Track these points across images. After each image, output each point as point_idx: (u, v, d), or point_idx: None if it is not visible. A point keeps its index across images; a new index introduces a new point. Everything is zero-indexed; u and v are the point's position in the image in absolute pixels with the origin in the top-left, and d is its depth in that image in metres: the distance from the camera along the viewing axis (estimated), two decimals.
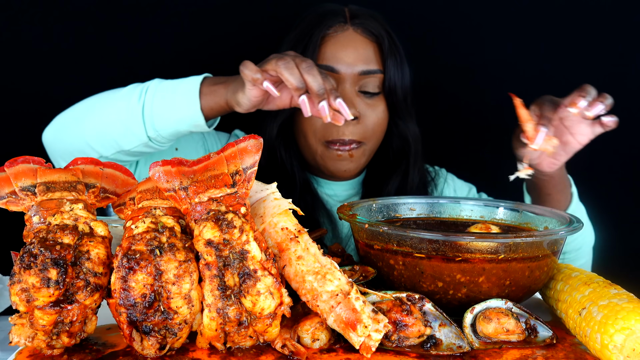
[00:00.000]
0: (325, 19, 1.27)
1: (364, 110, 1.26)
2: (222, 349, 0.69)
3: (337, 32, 1.27)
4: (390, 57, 1.27)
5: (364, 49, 1.26)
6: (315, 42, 1.25)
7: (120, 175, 0.79)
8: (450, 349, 0.70)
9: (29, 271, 0.63)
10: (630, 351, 0.64)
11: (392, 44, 1.29)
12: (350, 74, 1.25)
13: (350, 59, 1.25)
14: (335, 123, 0.99)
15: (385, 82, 1.27)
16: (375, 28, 1.28)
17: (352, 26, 1.28)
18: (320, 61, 1.25)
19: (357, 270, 0.85)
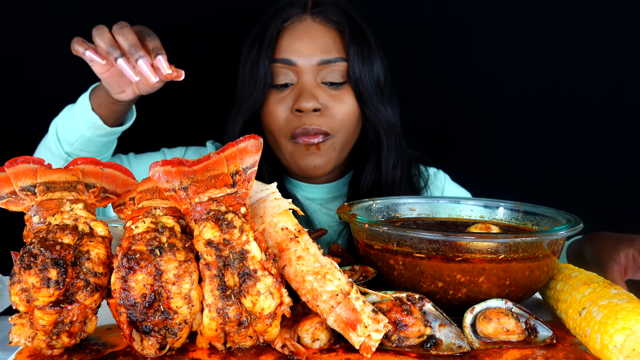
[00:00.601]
0: (282, 11, 1.25)
1: (328, 102, 1.22)
2: (222, 349, 0.69)
3: (294, 24, 1.24)
4: (352, 44, 1.22)
5: (322, 37, 1.23)
6: (271, 36, 1.22)
7: (120, 175, 0.79)
8: (450, 349, 0.70)
9: (29, 271, 0.63)
10: (630, 351, 0.64)
11: (355, 31, 1.24)
12: (309, 65, 1.21)
13: (307, 49, 1.21)
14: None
15: (349, 70, 1.22)
16: (337, 15, 1.24)
17: (311, 15, 1.24)
18: (277, 55, 1.22)
19: (357, 270, 0.85)
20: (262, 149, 0.72)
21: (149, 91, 1.11)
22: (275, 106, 1.23)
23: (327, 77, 1.22)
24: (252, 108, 1.25)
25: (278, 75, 1.23)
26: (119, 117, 1.19)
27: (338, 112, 1.22)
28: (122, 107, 1.15)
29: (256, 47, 1.24)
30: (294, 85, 1.23)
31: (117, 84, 1.08)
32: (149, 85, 1.08)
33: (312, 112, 1.20)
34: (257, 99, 1.24)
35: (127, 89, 1.10)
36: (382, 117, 1.27)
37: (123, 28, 0.95)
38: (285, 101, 1.22)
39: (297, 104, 1.20)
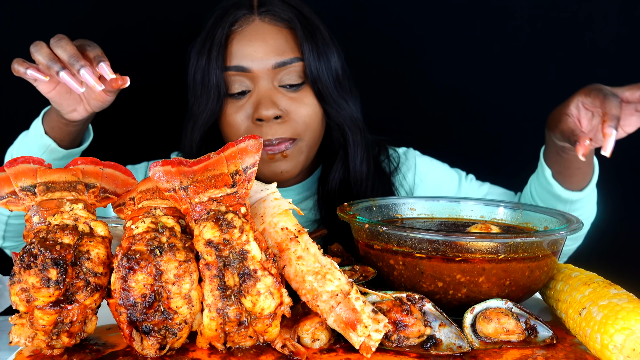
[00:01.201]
0: (227, 14, 1.17)
1: (289, 106, 1.15)
2: (222, 349, 0.69)
3: (243, 27, 1.16)
4: (306, 41, 1.15)
5: (274, 39, 1.15)
6: (219, 43, 1.15)
7: (120, 175, 0.79)
8: (450, 349, 0.70)
9: (29, 271, 0.63)
10: (630, 351, 0.64)
11: (307, 27, 1.17)
12: (264, 70, 1.14)
13: (260, 53, 1.14)
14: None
15: (306, 69, 1.15)
16: (286, 12, 1.17)
17: (259, 16, 1.17)
18: (229, 62, 1.15)
19: (357, 270, 0.85)
20: (262, 149, 0.72)
21: (101, 106, 1.07)
22: (233, 116, 1.17)
23: (285, 79, 1.16)
24: (208, 121, 1.18)
25: (232, 83, 1.16)
26: (74, 139, 1.14)
27: (301, 116, 1.16)
28: (77, 127, 1.11)
29: (205, 56, 1.16)
30: (251, 92, 1.16)
31: (66, 102, 1.05)
32: (99, 99, 1.05)
33: (273, 119, 1.14)
34: (212, 111, 1.17)
35: (78, 107, 1.06)
36: (346, 114, 1.21)
37: (60, 40, 0.91)
38: (244, 109, 1.16)
39: (257, 113, 1.13)
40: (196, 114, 1.19)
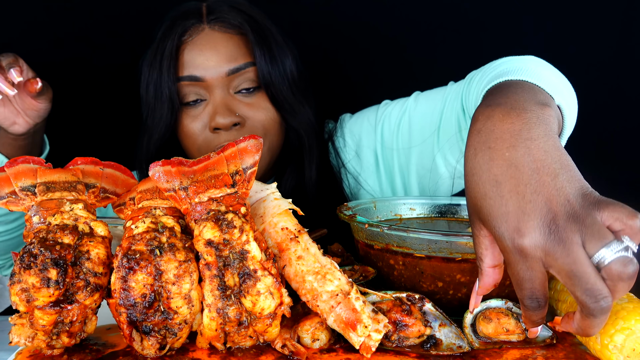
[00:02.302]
0: (176, 25, 1.16)
1: (246, 112, 1.15)
2: (222, 349, 0.69)
3: (192, 36, 1.15)
4: (258, 46, 1.14)
5: (225, 46, 1.14)
6: (169, 54, 1.13)
7: (120, 175, 0.79)
8: (450, 349, 0.70)
9: (29, 271, 0.63)
10: (630, 351, 0.64)
11: (259, 31, 1.16)
12: (217, 78, 1.13)
13: (212, 62, 1.13)
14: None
15: (259, 74, 1.14)
16: (235, 18, 1.16)
17: (208, 24, 1.16)
18: (181, 73, 1.14)
19: (357, 270, 0.85)
20: (262, 149, 0.72)
21: (39, 116, 1.09)
22: (190, 126, 1.16)
23: (240, 85, 1.15)
24: (164, 134, 1.17)
25: (187, 94, 1.15)
26: (28, 152, 1.15)
27: (259, 121, 1.16)
28: (25, 141, 1.13)
29: (157, 68, 1.14)
30: (206, 101, 1.15)
31: (2, 116, 1.08)
32: (33, 108, 1.07)
33: (232, 127, 1.13)
34: (167, 123, 1.16)
35: (17, 120, 1.09)
36: (303, 119, 1.20)
37: None
38: (200, 119, 1.15)
39: (214, 122, 1.12)
40: (151, 127, 1.18)
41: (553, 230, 0.57)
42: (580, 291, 0.56)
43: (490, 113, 0.67)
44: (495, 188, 0.61)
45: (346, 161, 1.27)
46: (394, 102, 1.26)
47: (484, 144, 0.64)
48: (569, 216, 0.57)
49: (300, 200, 1.20)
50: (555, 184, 0.59)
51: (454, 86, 1.14)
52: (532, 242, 0.57)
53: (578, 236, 0.56)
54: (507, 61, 0.89)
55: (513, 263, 0.59)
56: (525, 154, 0.61)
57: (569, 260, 0.56)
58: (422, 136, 1.17)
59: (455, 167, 1.14)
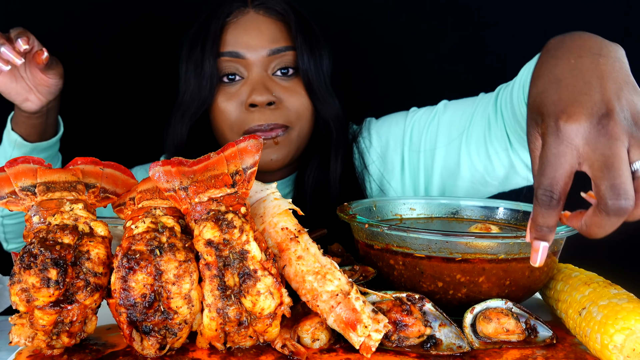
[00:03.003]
0: (222, 7, 1.19)
1: (281, 94, 1.17)
2: (222, 349, 0.69)
3: (237, 18, 1.18)
4: (300, 33, 1.17)
5: (269, 28, 1.17)
6: (214, 31, 1.16)
7: (120, 175, 0.79)
8: (450, 349, 0.70)
9: (29, 271, 0.63)
10: (630, 351, 0.64)
11: (301, 19, 1.19)
12: (258, 57, 1.16)
13: (254, 41, 1.16)
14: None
15: (298, 59, 1.17)
16: (279, 5, 1.19)
17: (253, 8, 1.19)
18: (223, 49, 1.16)
19: (357, 270, 0.85)
20: (262, 149, 0.72)
21: (50, 92, 1.11)
22: (225, 103, 1.17)
23: (278, 68, 1.17)
24: (200, 108, 1.19)
25: (226, 69, 1.17)
26: (42, 132, 1.18)
27: (293, 104, 1.17)
28: (38, 119, 1.15)
29: (199, 45, 1.17)
30: (244, 79, 1.17)
31: (14, 92, 1.10)
32: (44, 84, 1.09)
33: (266, 106, 1.15)
34: (204, 98, 1.18)
35: (29, 97, 1.11)
36: (332, 110, 1.22)
37: None
38: (237, 97, 1.17)
39: (251, 99, 1.14)
40: (187, 102, 1.19)
41: (603, 124, 0.55)
42: (606, 184, 0.54)
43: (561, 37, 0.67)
44: (554, 84, 0.61)
45: (369, 162, 1.28)
46: (423, 109, 1.27)
47: (551, 56, 0.65)
48: (623, 118, 0.56)
49: (322, 195, 1.21)
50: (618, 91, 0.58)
51: (486, 96, 1.16)
52: (575, 127, 0.56)
53: (626, 138, 0.55)
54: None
55: (546, 144, 0.58)
56: (591, 64, 0.61)
57: (608, 152, 0.54)
58: (450, 137, 1.18)
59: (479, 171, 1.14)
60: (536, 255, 0.63)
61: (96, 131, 1.59)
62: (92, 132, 1.58)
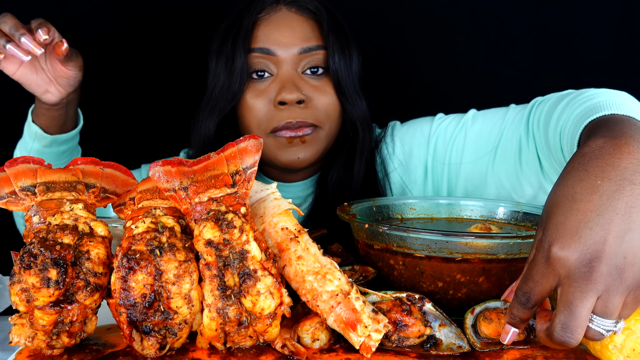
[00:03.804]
0: (254, 3, 1.19)
1: (311, 93, 1.16)
2: (222, 349, 0.69)
3: (270, 14, 1.18)
4: (331, 33, 1.17)
5: (301, 26, 1.17)
6: (246, 27, 1.16)
7: (120, 175, 0.79)
8: (450, 349, 0.70)
9: (29, 271, 0.63)
10: (630, 351, 0.64)
11: (333, 20, 1.19)
12: (289, 55, 1.16)
13: (286, 38, 1.15)
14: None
15: (329, 58, 1.17)
16: (312, 3, 1.19)
17: (286, 5, 1.19)
18: (254, 44, 1.16)
19: (357, 270, 0.85)
20: (262, 149, 0.72)
21: (69, 84, 1.12)
22: (254, 100, 1.17)
23: (308, 66, 1.17)
24: (229, 103, 1.18)
25: (256, 65, 1.17)
26: (62, 124, 1.18)
27: (322, 104, 1.17)
28: (58, 111, 1.16)
29: (230, 40, 1.17)
30: (273, 77, 1.17)
31: (34, 83, 1.10)
32: (63, 75, 1.10)
33: (295, 104, 1.15)
34: (234, 93, 1.17)
35: (49, 88, 1.12)
36: (360, 111, 1.22)
37: (3, 17, 0.97)
38: (266, 94, 1.16)
39: (280, 96, 1.14)
40: (216, 96, 1.19)
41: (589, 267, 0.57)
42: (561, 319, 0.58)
43: (602, 143, 0.65)
44: (568, 202, 0.60)
45: (391, 170, 1.27)
46: (450, 117, 1.25)
47: (581, 165, 0.63)
48: (612, 267, 0.57)
49: (343, 196, 1.20)
50: (625, 232, 0.57)
51: (516, 108, 1.14)
52: (564, 260, 0.58)
53: (602, 288, 0.57)
54: (602, 93, 0.87)
55: (535, 262, 0.61)
56: (615, 191, 0.59)
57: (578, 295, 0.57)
58: (477, 154, 1.17)
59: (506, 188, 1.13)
60: (506, 335, 0.67)
61: (116, 124, 1.60)
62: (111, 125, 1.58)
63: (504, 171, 1.12)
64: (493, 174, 1.14)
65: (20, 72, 1.08)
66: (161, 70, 1.59)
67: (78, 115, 1.24)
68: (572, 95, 0.93)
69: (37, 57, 1.07)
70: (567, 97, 0.94)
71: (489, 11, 1.59)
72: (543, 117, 1.00)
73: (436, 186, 1.25)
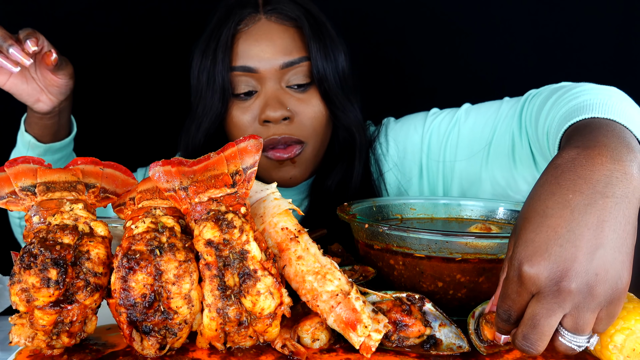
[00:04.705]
0: (232, 13, 1.14)
1: (297, 107, 1.13)
2: (222, 349, 0.69)
3: (248, 26, 1.13)
4: (314, 41, 1.12)
5: (281, 38, 1.13)
6: (225, 43, 1.12)
7: (120, 175, 0.79)
8: (450, 349, 0.70)
9: (29, 271, 0.63)
10: (630, 351, 0.64)
11: (315, 25, 1.14)
12: (271, 70, 1.12)
13: (267, 53, 1.11)
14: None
15: (312, 69, 1.13)
16: (292, 11, 1.14)
17: (265, 14, 1.14)
18: (235, 63, 1.13)
19: (357, 270, 0.85)
20: (262, 149, 0.72)
21: (61, 92, 1.12)
22: (240, 118, 1.15)
23: (292, 80, 1.13)
24: (213, 123, 1.16)
25: (239, 84, 1.14)
26: (55, 133, 1.18)
27: (308, 117, 1.14)
28: (51, 120, 1.15)
29: (210, 56, 1.14)
30: (257, 92, 1.14)
31: (25, 93, 1.10)
32: (54, 84, 1.10)
33: (281, 121, 1.12)
34: (217, 112, 1.15)
35: (41, 97, 1.11)
36: (352, 116, 1.19)
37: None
38: (250, 111, 1.14)
39: (264, 115, 1.11)
40: (200, 115, 1.17)
41: (558, 285, 0.57)
42: (523, 332, 0.60)
43: (575, 155, 0.63)
44: (539, 217, 0.60)
45: (385, 170, 1.26)
46: (444, 113, 1.23)
47: (554, 178, 0.62)
48: (583, 285, 0.57)
49: (340, 197, 1.18)
50: (596, 251, 0.57)
51: (510, 102, 1.12)
52: (534, 278, 0.58)
53: (569, 306, 0.57)
54: (588, 90, 0.85)
55: (508, 280, 0.61)
56: (587, 205, 0.58)
57: (543, 312, 0.58)
58: (471, 150, 1.16)
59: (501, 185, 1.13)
60: (499, 339, 0.68)
61: (109, 131, 1.59)
62: (105, 132, 1.58)
63: (498, 167, 1.11)
64: (487, 170, 1.13)
65: (11, 82, 1.08)
66: (157, 73, 1.59)
67: (71, 123, 1.24)
68: (562, 91, 0.91)
69: (27, 67, 1.06)
70: (558, 92, 0.92)
71: (488, 9, 1.59)
72: (534, 113, 0.99)
73: (432, 184, 1.24)
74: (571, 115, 0.78)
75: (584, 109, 0.77)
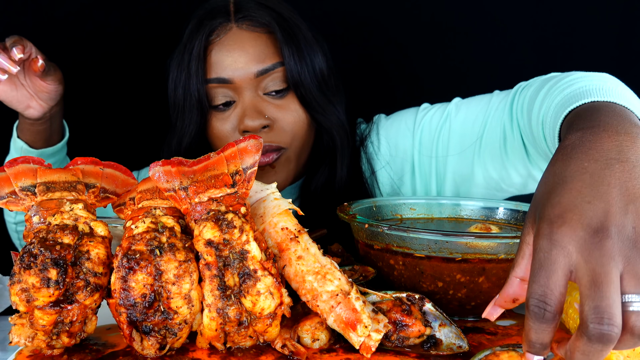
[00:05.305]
0: (203, 25, 1.13)
1: (275, 114, 1.13)
2: (222, 349, 0.69)
3: (220, 36, 1.13)
4: (287, 45, 1.11)
5: (253, 46, 1.12)
6: (197, 56, 1.11)
7: (120, 175, 0.79)
8: (450, 349, 0.70)
9: (29, 271, 0.63)
10: (630, 351, 0.64)
11: (287, 29, 1.13)
12: (246, 79, 1.11)
13: (240, 63, 1.11)
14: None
15: (287, 74, 1.12)
16: (263, 16, 1.13)
17: (236, 23, 1.13)
18: (209, 74, 1.12)
19: (357, 270, 0.85)
20: (261, 149, 0.72)
21: (51, 98, 1.12)
22: (220, 129, 1.15)
23: (269, 86, 1.12)
24: (194, 136, 1.16)
25: (215, 96, 1.13)
26: (47, 138, 1.18)
27: (287, 123, 1.14)
28: (43, 125, 1.16)
29: (184, 69, 1.13)
30: (235, 102, 1.14)
31: (15, 99, 1.11)
32: (43, 90, 1.10)
33: (260, 130, 1.12)
34: (197, 126, 1.15)
35: (31, 104, 1.12)
36: (333, 118, 1.17)
37: None
38: (230, 121, 1.14)
39: (243, 125, 1.11)
40: (181, 129, 1.17)
41: (599, 237, 0.51)
42: (590, 304, 0.49)
43: (580, 135, 0.62)
44: (560, 186, 0.56)
45: (378, 168, 1.25)
46: (434, 108, 1.22)
47: (565, 156, 0.60)
48: (623, 237, 0.51)
49: (327, 201, 1.18)
50: (627, 203, 0.52)
51: (500, 95, 1.12)
52: (569, 233, 0.52)
53: (620, 260, 0.50)
54: (582, 77, 0.84)
55: (538, 248, 0.53)
56: (604, 169, 0.55)
57: (599, 269, 0.49)
58: (462, 145, 1.15)
59: (494, 178, 1.12)
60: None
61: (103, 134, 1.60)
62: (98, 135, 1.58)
63: (490, 160, 1.11)
64: (480, 164, 1.13)
65: (0, 89, 1.09)
66: (156, 73, 1.58)
67: (64, 127, 1.24)
68: (553, 81, 0.90)
69: (15, 75, 1.07)
70: (549, 82, 0.91)
71: (487, 9, 1.60)
72: (526, 104, 0.98)
73: (425, 180, 1.24)
74: (569, 102, 0.77)
75: (581, 94, 0.76)
